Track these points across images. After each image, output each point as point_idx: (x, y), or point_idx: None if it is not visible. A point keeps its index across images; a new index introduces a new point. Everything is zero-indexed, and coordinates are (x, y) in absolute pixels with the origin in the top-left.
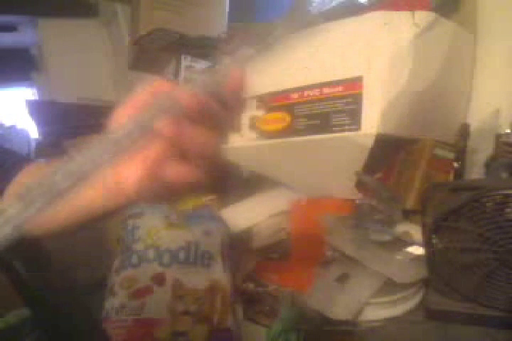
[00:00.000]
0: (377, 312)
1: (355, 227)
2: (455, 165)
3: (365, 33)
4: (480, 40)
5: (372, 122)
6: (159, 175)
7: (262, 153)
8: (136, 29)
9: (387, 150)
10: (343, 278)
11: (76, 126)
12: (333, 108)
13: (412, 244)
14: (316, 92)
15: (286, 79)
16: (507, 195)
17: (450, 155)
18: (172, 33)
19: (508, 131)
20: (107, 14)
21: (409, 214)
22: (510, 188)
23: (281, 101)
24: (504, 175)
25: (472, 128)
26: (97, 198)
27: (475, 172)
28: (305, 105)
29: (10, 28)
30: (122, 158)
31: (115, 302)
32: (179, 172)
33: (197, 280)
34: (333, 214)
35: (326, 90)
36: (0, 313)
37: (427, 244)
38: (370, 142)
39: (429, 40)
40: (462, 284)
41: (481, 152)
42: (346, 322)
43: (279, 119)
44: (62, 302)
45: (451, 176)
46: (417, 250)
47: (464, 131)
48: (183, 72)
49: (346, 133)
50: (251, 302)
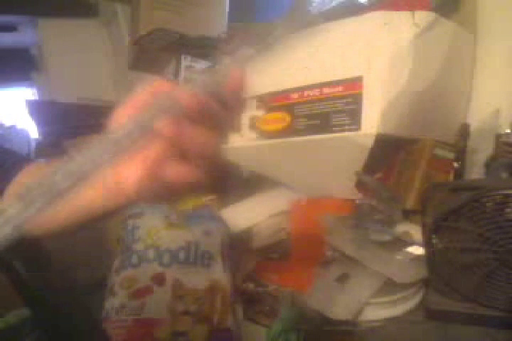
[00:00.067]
0: (377, 312)
1: (355, 227)
2: (455, 165)
3: (365, 33)
4: (480, 40)
5: (372, 122)
6: (159, 175)
7: (262, 153)
8: (136, 29)
9: (387, 150)
10: (343, 278)
11: (76, 126)
12: (333, 108)
13: (412, 244)
14: (316, 92)
15: (286, 79)
16: (507, 195)
17: (450, 155)
18: (172, 33)
19: (508, 131)
20: (107, 14)
21: (409, 214)
22: (510, 188)
23: (281, 101)
24: (504, 175)
25: (472, 128)
26: (97, 198)
27: (475, 172)
28: (305, 105)
29: (10, 28)
30: (122, 158)
31: (115, 302)
32: (179, 172)
33: (197, 280)
34: (333, 214)
35: (326, 90)
36: (0, 313)
37: (427, 244)
38: (370, 142)
39: (429, 40)
40: (462, 284)
41: (481, 152)
42: (346, 322)
43: (279, 119)
44: (62, 302)
45: (451, 176)
46: (417, 250)
47: (464, 131)
48: (183, 72)
49: (346, 133)
50: (251, 302)
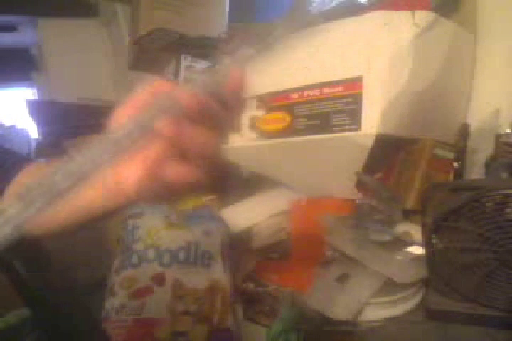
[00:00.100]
0: (377, 312)
1: (355, 227)
2: (455, 165)
3: (365, 33)
4: (480, 40)
5: (372, 122)
6: (159, 175)
7: (262, 153)
8: (136, 29)
9: (387, 150)
10: (343, 278)
11: (76, 126)
12: (333, 108)
13: (412, 244)
14: (316, 92)
15: (286, 79)
16: (507, 195)
17: (450, 155)
18: (172, 33)
19: (508, 131)
20: (107, 14)
21: (409, 214)
22: (510, 188)
23: (281, 101)
24: (504, 175)
25: (472, 128)
26: (96, 198)
27: (475, 172)
28: (305, 105)
29: (10, 28)
30: (122, 158)
31: (115, 302)
32: (179, 172)
33: (197, 280)
34: (333, 214)
35: (326, 90)
36: (0, 313)
37: (427, 244)
38: (370, 142)
39: (429, 40)
40: (462, 284)
41: (481, 152)
42: (346, 322)
43: (279, 119)
44: (62, 302)
45: (451, 176)
46: (417, 250)
47: (464, 131)
48: (183, 72)
49: (346, 133)
50: (251, 302)
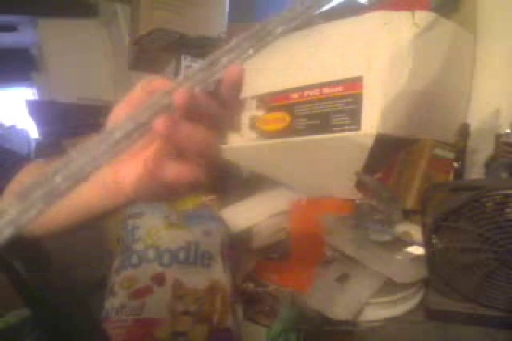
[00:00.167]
0: (377, 312)
1: (355, 227)
2: (455, 165)
3: (365, 33)
4: (480, 40)
5: (372, 122)
6: (158, 175)
7: (262, 153)
8: (136, 29)
9: (387, 150)
10: (343, 278)
11: (76, 126)
12: (333, 108)
13: (412, 244)
14: (316, 92)
15: (286, 79)
16: (507, 195)
17: (450, 155)
18: (172, 33)
19: (508, 131)
20: (107, 14)
21: (409, 214)
22: (510, 188)
23: (281, 101)
24: (504, 175)
25: (472, 128)
26: (96, 198)
27: (475, 172)
28: (305, 105)
29: (10, 28)
30: (120, 156)
31: (115, 302)
32: (178, 172)
33: (197, 280)
34: (333, 214)
35: (326, 90)
36: (0, 313)
37: (427, 244)
38: (370, 142)
39: (429, 40)
40: (462, 284)
41: (481, 152)
42: (346, 322)
43: (279, 119)
44: (62, 302)
45: (451, 176)
46: (417, 250)
47: (464, 131)
48: (183, 72)
49: (346, 133)
50: (251, 302)
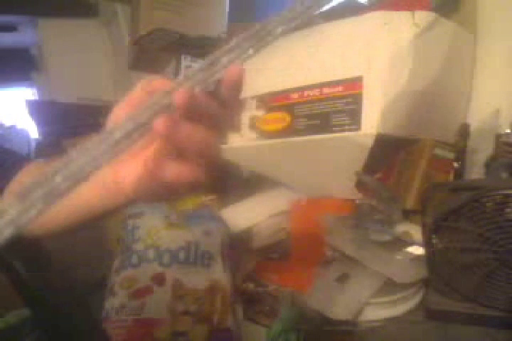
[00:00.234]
0: (377, 312)
1: (355, 227)
2: (455, 165)
3: (365, 33)
4: (480, 40)
5: (372, 122)
6: (158, 175)
7: (262, 153)
8: (136, 29)
9: (387, 150)
10: (343, 278)
11: (76, 126)
12: (333, 108)
13: (412, 244)
14: (316, 92)
15: (286, 79)
16: (507, 195)
17: (450, 155)
18: (172, 33)
19: (508, 131)
20: (107, 14)
21: (409, 214)
22: (510, 188)
23: (281, 101)
24: (504, 175)
25: (472, 128)
26: (96, 197)
27: (475, 172)
28: (305, 105)
29: (10, 28)
30: (120, 156)
31: (115, 302)
32: (178, 172)
33: (197, 280)
34: (333, 214)
35: (326, 90)
36: (0, 313)
37: (427, 244)
38: (370, 142)
39: (429, 40)
40: (462, 284)
41: (481, 152)
42: (346, 322)
43: (279, 119)
44: (62, 302)
45: (451, 176)
46: (417, 250)
47: (464, 131)
48: (183, 72)
49: (346, 133)
50: (251, 302)
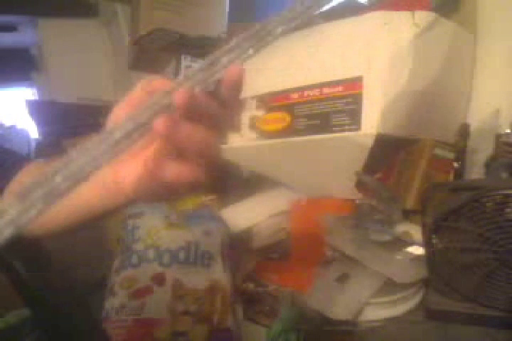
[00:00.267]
0: (377, 312)
1: (355, 227)
2: (455, 165)
3: (365, 33)
4: (480, 40)
5: (372, 122)
6: (158, 175)
7: (262, 153)
8: (136, 29)
9: (387, 150)
10: (343, 278)
11: (76, 126)
12: (333, 108)
13: (412, 244)
14: (316, 92)
15: (286, 79)
16: (507, 195)
17: (450, 155)
18: (172, 33)
19: (508, 131)
20: (107, 14)
21: (409, 214)
22: (510, 188)
23: (281, 101)
24: (504, 175)
25: (472, 128)
26: (96, 197)
27: (475, 172)
28: (305, 105)
29: (10, 28)
30: (120, 156)
31: (115, 302)
32: (178, 172)
33: (197, 280)
34: (333, 214)
35: (326, 90)
36: (0, 313)
37: (427, 244)
38: (370, 142)
39: (429, 40)
40: (462, 284)
41: (481, 152)
42: (346, 322)
43: (279, 119)
44: (62, 302)
45: (451, 176)
46: (417, 250)
47: (464, 131)
48: (183, 72)
49: (346, 133)
50: (251, 302)
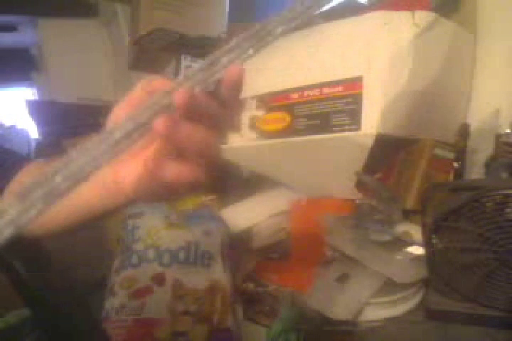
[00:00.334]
0: (377, 312)
1: (355, 227)
2: (455, 165)
3: (365, 33)
4: (480, 40)
5: (372, 122)
6: (158, 175)
7: (262, 153)
8: (136, 29)
9: (387, 150)
10: (343, 278)
11: (76, 126)
12: (333, 108)
13: (412, 244)
14: (316, 92)
15: (286, 79)
16: (507, 195)
17: (450, 155)
18: (172, 33)
19: (508, 131)
20: (107, 14)
21: (409, 214)
22: (510, 188)
23: (281, 101)
24: (504, 175)
25: (472, 128)
26: (96, 197)
27: (475, 172)
28: (305, 105)
29: (10, 28)
30: (120, 156)
31: (115, 302)
32: (178, 172)
33: (197, 280)
34: (333, 214)
35: (326, 90)
36: (0, 313)
37: (427, 244)
38: (370, 142)
39: (429, 40)
40: (462, 284)
41: (481, 152)
42: (346, 322)
43: (279, 119)
44: (62, 302)
45: (451, 176)
46: (417, 250)
47: (464, 131)
48: (183, 72)
49: (346, 133)
50: (251, 302)
